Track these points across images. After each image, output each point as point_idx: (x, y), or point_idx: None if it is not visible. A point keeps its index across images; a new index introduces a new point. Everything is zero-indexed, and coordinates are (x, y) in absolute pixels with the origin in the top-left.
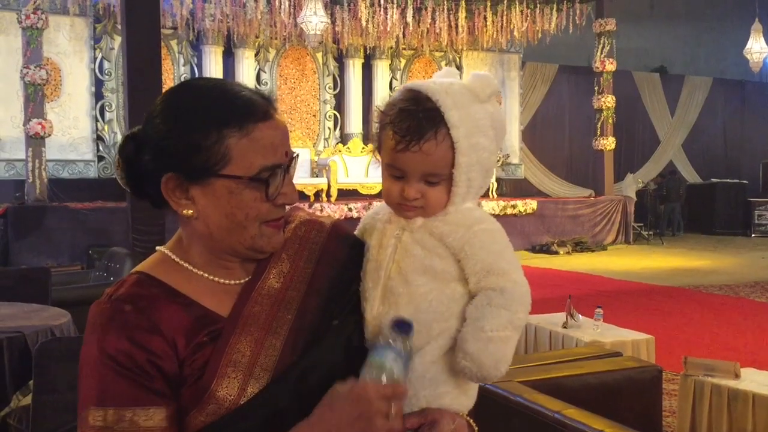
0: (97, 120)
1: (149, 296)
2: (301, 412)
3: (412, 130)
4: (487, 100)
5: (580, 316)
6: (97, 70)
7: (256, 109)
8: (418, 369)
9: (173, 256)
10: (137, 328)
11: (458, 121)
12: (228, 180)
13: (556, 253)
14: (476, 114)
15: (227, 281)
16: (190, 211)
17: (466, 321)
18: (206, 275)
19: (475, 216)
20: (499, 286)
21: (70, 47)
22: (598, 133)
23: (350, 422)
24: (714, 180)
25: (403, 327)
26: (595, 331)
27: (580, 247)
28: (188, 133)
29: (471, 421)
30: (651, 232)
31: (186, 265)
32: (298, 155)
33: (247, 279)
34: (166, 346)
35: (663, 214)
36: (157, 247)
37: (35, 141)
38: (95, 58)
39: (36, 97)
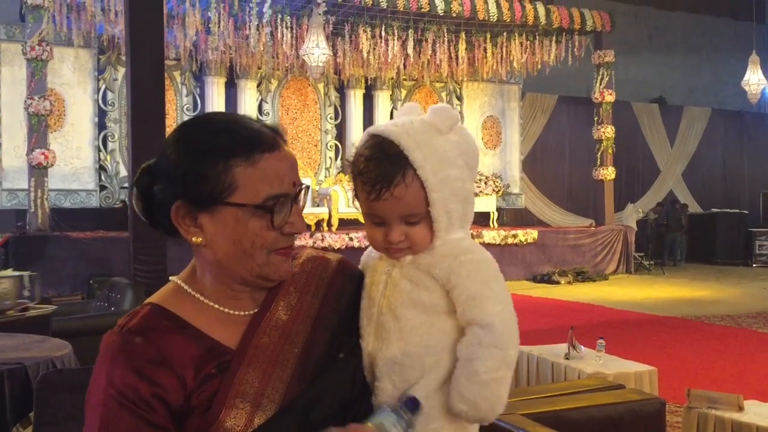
0: (99, 150)
1: (159, 329)
2: None
3: (380, 178)
4: (449, 131)
5: (582, 347)
6: (100, 101)
7: (263, 140)
8: None
9: (185, 287)
10: (145, 361)
11: (423, 160)
12: (234, 208)
13: (558, 282)
14: (440, 147)
15: (236, 312)
16: (199, 239)
17: (458, 361)
18: (216, 306)
19: (463, 246)
20: (486, 322)
21: (74, 78)
22: (598, 163)
23: None
24: (714, 210)
25: (411, 404)
26: (597, 362)
27: (581, 276)
28: (196, 163)
29: None
30: (652, 262)
31: (197, 295)
32: (308, 187)
33: (255, 310)
34: (174, 379)
35: (664, 244)
36: (171, 277)
37: (38, 171)
38: (99, 89)
39: (39, 128)
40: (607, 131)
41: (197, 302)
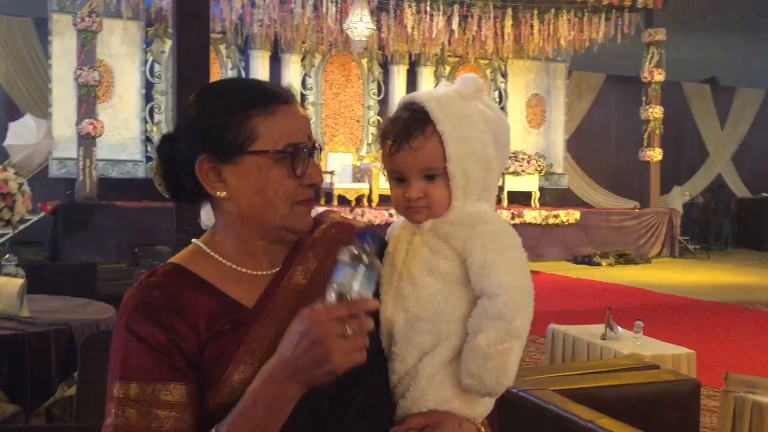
0: (146, 121)
1: (177, 284)
2: (312, 402)
3: (401, 131)
4: (473, 97)
5: (619, 328)
6: (147, 73)
7: (278, 94)
8: (427, 370)
9: (205, 248)
10: (163, 310)
11: (443, 116)
12: (257, 156)
13: (599, 264)
14: (462, 109)
15: (254, 272)
16: (224, 193)
17: (468, 335)
18: (234, 266)
19: (483, 217)
20: (491, 292)
21: (122, 50)
22: (645, 144)
23: (305, 350)
24: (765, 194)
25: (362, 240)
26: (634, 343)
27: (623, 259)
28: (218, 115)
29: (482, 428)
30: (697, 246)
31: (216, 256)
32: (321, 146)
33: (273, 271)
34: (189, 329)
35: (711, 229)
36: (192, 240)
37: (86, 141)
38: (146, 61)
39: (88, 98)
40: (655, 111)
41: (216, 262)
